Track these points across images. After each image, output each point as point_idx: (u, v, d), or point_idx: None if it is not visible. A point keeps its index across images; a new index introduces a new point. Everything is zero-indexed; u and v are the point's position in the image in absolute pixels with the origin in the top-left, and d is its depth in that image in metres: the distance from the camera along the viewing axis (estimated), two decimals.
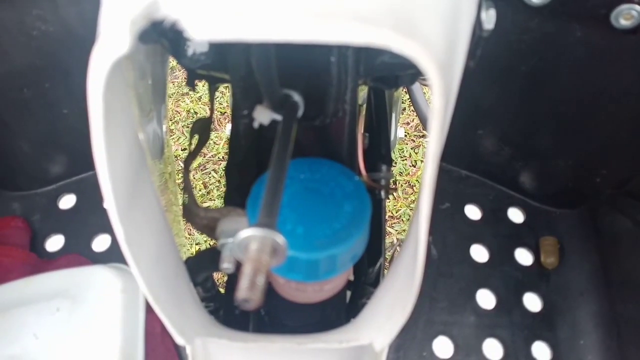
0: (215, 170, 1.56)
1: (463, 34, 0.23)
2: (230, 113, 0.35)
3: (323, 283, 0.33)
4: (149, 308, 0.51)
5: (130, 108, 0.23)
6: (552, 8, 0.47)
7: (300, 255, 0.29)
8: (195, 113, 1.71)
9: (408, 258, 0.26)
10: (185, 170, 0.37)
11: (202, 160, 1.57)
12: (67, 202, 0.69)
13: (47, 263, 0.61)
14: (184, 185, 0.37)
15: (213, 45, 0.28)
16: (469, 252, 0.65)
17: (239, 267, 0.20)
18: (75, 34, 0.56)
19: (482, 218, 0.68)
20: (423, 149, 1.58)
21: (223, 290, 0.45)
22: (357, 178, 0.33)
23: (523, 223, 0.67)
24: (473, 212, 0.68)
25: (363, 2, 0.16)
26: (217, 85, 0.37)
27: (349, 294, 0.47)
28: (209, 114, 0.38)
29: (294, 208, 0.31)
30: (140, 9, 0.16)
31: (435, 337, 0.59)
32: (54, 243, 0.66)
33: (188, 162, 0.37)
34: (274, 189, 0.23)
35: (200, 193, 1.51)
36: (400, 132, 1.07)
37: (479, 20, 0.27)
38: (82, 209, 0.69)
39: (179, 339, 0.28)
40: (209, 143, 1.61)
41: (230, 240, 0.32)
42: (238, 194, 0.37)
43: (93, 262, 0.62)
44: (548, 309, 0.61)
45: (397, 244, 1.38)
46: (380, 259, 0.49)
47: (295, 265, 0.29)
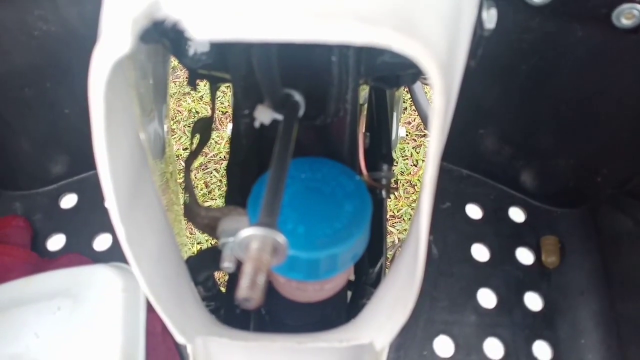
0: (217, 170, 1.56)
1: (464, 34, 0.23)
2: (232, 112, 0.35)
3: (324, 282, 0.33)
4: (150, 307, 0.51)
5: (132, 108, 0.23)
6: (553, 7, 0.47)
7: (301, 255, 0.29)
8: (197, 112, 1.71)
9: (409, 257, 0.26)
10: (187, 170, 0.37)
11: (203, 160, 1.57)
12: (68, 201, 0.70)
13: (48, 262, 0.62)
14: (185, 185, 0.37)
15: (214, 45, 0.28)
16: (470, 251, 0.65)
17: (240, 266, 0.21)
18: (77, 34, 0.56)
19: (483, 217, 0.68)
20: (424, 148, 1.58)
21: (224, 290, 0.45)
22: (358, 177, 0.33)
23: (524, 222, 0.67)
24: (474, 211, 0.68)
25: (364, 1, 0.16)
26: (218, 85, 0.37)
27: (350, 294, 0.47)
28: (210, 114, 0.38)
29: (295, 207, 0.31)
30: (142, 9, 0.16)
31: (436, 336, 0.59)
32: (55, 242, 0.66)
33: (189, 161, 0.37)
34: (275, 189, 0.23)
35: (202, 192, 1.51)
36: (402, 131, 1.07)
37: (480, 20, 0.27)
38: (83, 209, 0.69)
39: (180, 338, 0.28)
40: (210, 142, 1.61)
41: (231, 240, 0.32)
42: (239, 194, 0.37)
43: (94, 261, 0.62)
44: (549, 308, 0.61)
45: (398, 245, 1.38)
46: (382, 259, 0.49)
47: (296, 265, 0.29)
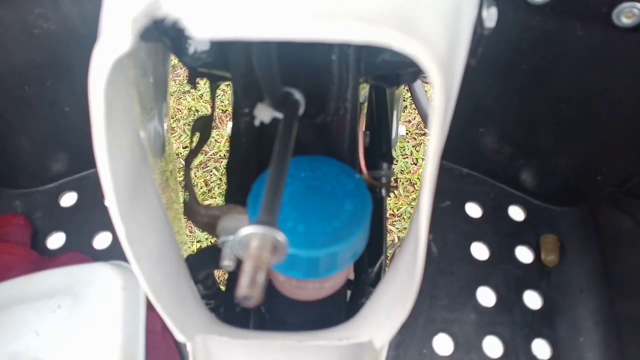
0: (217, 168, 1.56)
1: (464, 32, 0.23)
2: (232, 111, 0.35)
3: (323, 281, 0.33)
4: (150, 305, 0.51)
5: (132, 106, 0.23)
6: (553, 6, 0.47)
7: (301, 253, 0.29)
8: (197, 111, 1.71)
9: (408, 256, 0.26)
10: (186, 168, 0.37)
11: (203, 158, 1.57)
12: (68, 199, 0.70)
13: (48, 260, 0.62)
14: (185, 183, 0.37)
15: (214, 44, 0.28)
16: (470, 250, 0.65)
17: (240, 264, 0.21)
18: (77, 32, 0.56)
19: (482, 216, 0.68)
20: (424, 147, 1.58)
21: (224, 288, 0.45)
22: (357, 176, 0.33)
23: (524, 221, 0.67)
24: (474, 210, 0.68)
25: (364, 0, 0.16)
26: (218, 83, 0.37)
27: (350, 293, 0.47)
28: (210, 112, 0.38)
29: (295, 206, 0.31)
30: (142, 7, 0.16)
31: (436, 334, 0.59)
32: (55, 240, 0.66)
33: (189, 160, 0.38)
34: (275, 187, 0.23)
35: (202, 191, 1.51)
36: (402, 130, 1.07)
37: (480, 19, 0.27)
38: (83, 207, 0.69)
39: (180, 336, 0.28)
40: (210, 141, 1.61)
41: (231, 238, 0.32)
42: (239, 192, 0.37)
43: (94, 259, 0.62)
44: (548, 307, 0.61)
45: (398, 244, 1.38)
46: (381, 258, 0.49)
47: (296, 263, 0.29)
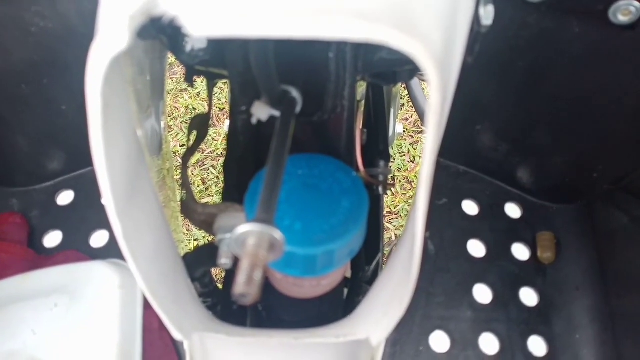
0: (214, 167, 1.56)
1: (461, 30, 0.23)
2: (229, 109, 0.35)
3: (320, 278, 0.34)
4: (147, 304, 0.51)
5: (129, 104, 0.23)
6: (550, 4, 0.47)
7: (298, 251, 0.29)
8: (194, 109, 1.71)
9: (405, 253, 0.26)
10: (184, 166, 0.37)
11: (200, 157, 1.57)
12: (65, 198, 0.69)
13: (45, 259, 0.62)
14: (182, 182, 0.37)
15: (211, 42, 0.28)
16: (466, 247, 0.65)
17: (237, 262, 0.21)
18: (74, 30, 0.56)
19: (479, 213, 0.68)
20: (421, 145, 1.58)
21: (221, 286, 0.45)
22: (355, 174, 0.33)
23: (520, 218, 0.68)
24: (470, 207, 0.68)
25: None
26: (215, 82, 0.37)
27: (346, 291, 0.47)
28: (207, 110, 0.38)
29: (292, 204, 0.31)
30: (139, 5, 0.16)
31: (432, 331, 0.59)
32: (52, 239, 0.66)
33: (186, 158, 0.37)
34: (272, 185, 0.23)
35: (199, 189, 1.51)
36: (399, 128, 1.07)
37: (477, 16, 0.27)
38: (80, 205, 0.69)
39: (177, 335, 0.28)
40: (208, 139, 1.61)
41: (228, 236, 0.32)
42: (236, 190, 0.37)
43: (91, 258, 0.62)
44: (544, 304, 0.61)
45: (395, 242, 1.39)
46: (378, 255, 0.50)
47: (293, 261, 0.29)
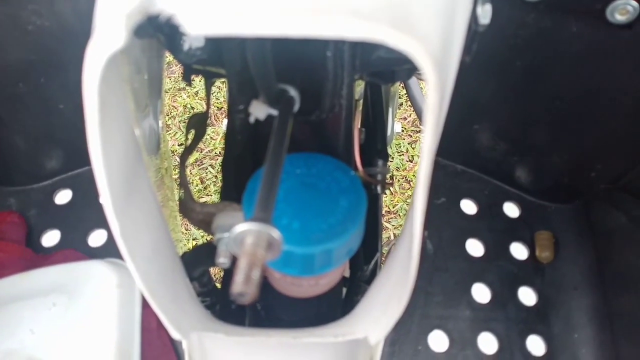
0: (212, 166, 1.56)
1: (459, 29, 0.23)
2: (227, 108, 0.35)
3: (319, 277, 0.34)
4: (145, 303, 0.51)
5: (126, 103, 0.23)
6: (548, 3, 0.47)
7: (296, 250, 0.29)
8: (192, 108, 1.71)
9: (403, 252, 0.26)
10: (182, 166, 0.37)
11: (199, 156, 1.57)
12: (63, 197, 0.69)
13: (43, 258, 0.61)
14: (181, 181, 0.37)
15: (209, 40, 0.28)
16: (465, 246, 0.65)
17: (235, 262, 0.21)
18: (71, 29, 0.56)
19: (477, 213, 0.68)
20: (420, 144, 1.58)
21: (219, 285, 0.45)
22: (353, 173, 0.33)
23: (518, 218, 0.68)
24: (469, 206, 0.68)
25: None
26: (213, 80, 0.37)
27: (345, 290, 0.47)
28: (205, 109, 0.38)
29: (290, 203, 0.31)
30: (136, 4, 0.16)
31: (431, 331, 0.59)
32: (50, 238, 0.66)
33: (184, 157, 0.37)
34: (270, 184, 0.23)
35: (197, 188, 1.51)
36: (398, 127, 1.07)
37: (475, 15, 0.27)
38: (78, 204, 0.68)
39: (175, 334, 0.28)
40: (206, 138, 1.61)
41: (226, 235, 0.32)
42: (234, 189, 0.37)
43: (89, 257, 0.62)
44: (543, 303, 0.61)
45: (393, 241, 1.39)
46: (377, 255, 0.50)
47: (291, 260, 0.29)
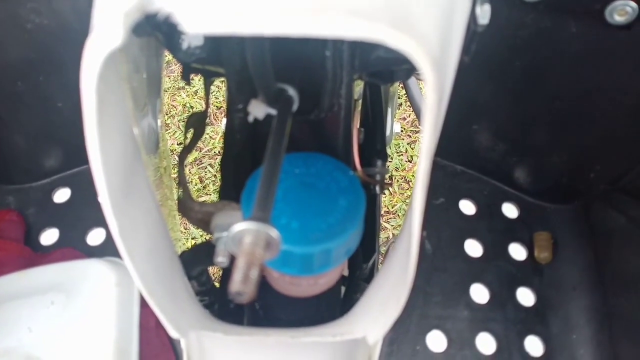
0: (212, 165, 1.56)
1: (457, 29, 0.23)
2: (226, 107, 0.35)
3: (317, 277, 0.34)
4: (144, 302, 0.51)
5: (125, 102, 0.23)
6: (547, 3, 0.47)
7: (295, 249, 0.29)
8: (191, 107, 1.71)
9: (402, 252, 0.26)
10: (181, 165, 0.37)
11: (198, 155, 1.57)
12: (61, 195, 0.69)
13: (41, 256, 0.61)
14: (179, 180, 0.37)
15: (208, 39, 0.28)
16: (463, 246, 0.65)
17: (234, 261, 0.21)
18: (70, 27, 0.56)
19: (476, 213, 0.68)
20: (419, 145, 1.58)
21: (218, 285, 0.45)
22: (352, 173, 0.33)
23: (517, 218, 0.68)
24: (467, 207, 0.68)
25: None
26: (212, 79, 0.37)
27: (344, 290, 0.47)
28: (204, 108, 0.38)
29: (289, 202, 0.31)
30: (134, 2, 0.16)
31: (429, 331, 0.59)
32: (49, 236, 0.66)
33: (183, 156, 0.37)
34: (269, 183, 0.23)
35: (196, 187, 1.51)
36: (397, 127, 1.07)
37: (474, 15, 0.27)
38: (76, 203, 0.68)
39: (174, 333, 0.28)
40: (205, 137, 1.60)
41: (225, 234, 0.32)
42: (233, 188, 0.37)
43: (87, 255, 0.62)
44: (541, 304, 0.61)
45: (392, 241, 1.39)
46: (375, 255, 0.50)
47: (290, 259, 0.29)
